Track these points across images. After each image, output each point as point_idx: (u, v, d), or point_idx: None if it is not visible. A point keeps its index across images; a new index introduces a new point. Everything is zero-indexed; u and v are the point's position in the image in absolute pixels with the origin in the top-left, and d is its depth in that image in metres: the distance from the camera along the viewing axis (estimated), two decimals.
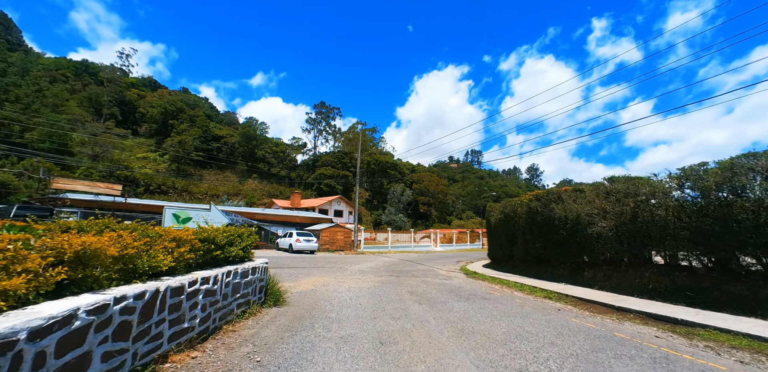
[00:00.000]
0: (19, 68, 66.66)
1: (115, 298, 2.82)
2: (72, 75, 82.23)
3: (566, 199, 10.81)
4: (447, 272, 14.31)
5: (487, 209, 16.75)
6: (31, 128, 55.00)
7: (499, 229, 14.99)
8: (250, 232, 6.01)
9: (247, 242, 5.78)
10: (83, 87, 78.80)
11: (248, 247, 5.88)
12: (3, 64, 63.90)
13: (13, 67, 65.81)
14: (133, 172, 58.68)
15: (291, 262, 15.15)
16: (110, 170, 56.36)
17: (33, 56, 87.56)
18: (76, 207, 18.37)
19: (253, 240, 6.00)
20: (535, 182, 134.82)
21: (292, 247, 21.19)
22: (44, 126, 55.79)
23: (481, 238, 43.87)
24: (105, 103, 74.73)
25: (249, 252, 5.95)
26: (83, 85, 79.63)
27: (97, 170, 54.64)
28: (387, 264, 16.72)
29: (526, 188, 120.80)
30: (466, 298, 8.15)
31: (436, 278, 12.00)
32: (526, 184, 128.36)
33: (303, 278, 10.30)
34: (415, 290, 8.91)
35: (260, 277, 5.98)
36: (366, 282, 10.05)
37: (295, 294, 7.70)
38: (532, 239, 12.19)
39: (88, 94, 75.30)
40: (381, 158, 67.32)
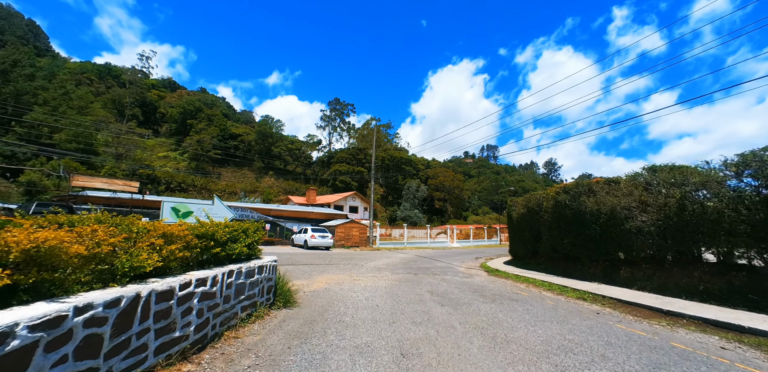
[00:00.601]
0: (47, 72, 68.69)
1: (76, 308, 2.26)
2: (96, 78, 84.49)
3: (598, 192, 9.88)
4: (467, 269, 13.56)
5: (508, 204, 15.86)
6: (58, 130, 56.62)
7: (522, 225, 14.11)
8: (257, 227, 5.45)
9: (254, 238, 5.22)
10: (107, 89, 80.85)
11: (255, 244, 5.32)
12: (32, 69, 65.82)
13: (41, 71, 67.85)
14: (154, 170, 59.78)
15: (305, 258, 14.70)
16: (133, 169, 57.56)
17: (60, 61, 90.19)
18: (95, 204, 18.42)
19: (261, 236, 5.44)
20: (553, 177, 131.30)
21: (307, 244, 20.80)
22: (71, 127, 57.36)
23: (498, 233, 42.71)
24: (127, 105, 76.40)
25: (255, 249, 5.40)
26: (107, 88, 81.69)
27: (120, 169, 55.91)
28: (403, 261, 16.08)
29: (543, 183, 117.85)
30: (491, 298, 7.42)
31: (456, 276, 11.29)
32: (544, 179, 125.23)
33: (317, 276, 9.77)
34: (435, 289, 8.23)
35: (268, 276, 5.43)
36: (382, 280, 9.43)
37: (308, 294, 7.15)
38: (560, 235, 11.30)
39: (112, 96, 77.19)
40: (395, 154, 66.53)
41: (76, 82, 72.75)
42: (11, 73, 58.83)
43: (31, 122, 54.18)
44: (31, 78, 62.31)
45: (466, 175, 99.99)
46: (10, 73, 58.80)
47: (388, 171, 65.08)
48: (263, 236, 5.49)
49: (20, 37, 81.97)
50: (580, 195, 10.35)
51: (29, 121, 54.28)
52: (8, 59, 58.94)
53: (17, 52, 61.50)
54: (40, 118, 54.57)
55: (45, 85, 62.48)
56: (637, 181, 9.25)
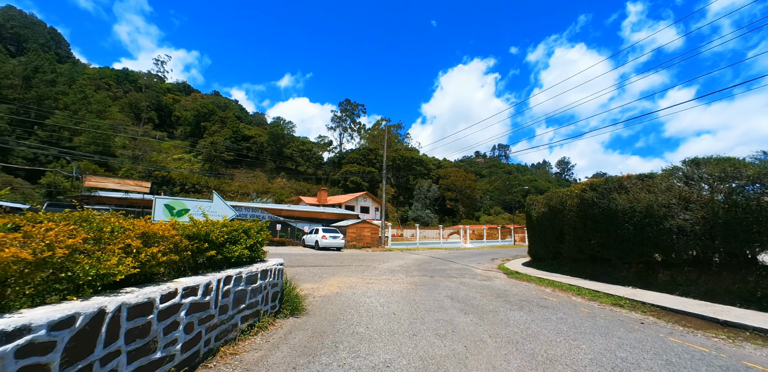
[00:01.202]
0: (67, 78, 70.24)
1: (4, 334, 1.68)
2: (114, 83, 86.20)
3: (631, 188, 9.04)
4: (485, 271, 12.80)
5: (527, 202, 15.03)
6: (78, 133, 57.73)
7: (543, 224, 13.27)
8: (261, 226, 4.87)
9: (257, 239, 4.64)
10: (124, 94, 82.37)
11: (258, 246, 4.74)
12: (53, 75, 67.33)
13: (61, 77, 69.43)
14: (169, 172, 60.38)
15: (316, 260, 14.14)
16: (148, 171, 58.24)
17: (80, 67, 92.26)
18: (107, 204, 18.32)
19: (265, 237, 4.85)
20: (566, 176, 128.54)
21: (318, 244, 20.27)
22: (90, 130, 58.43)
23: (512, 234, 41.58)
24: (143, 108, 77.64)
25: (259, 251, 4.81)
26: (124, 92, 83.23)
27: (136, 171, 56.66)
28: (417, 262, 15.39)
29: (556, 183, 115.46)
30: (518, 305, 6.69)
31: (475, 279, 10.55)
32: (557, 178, 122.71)
33: (328, 279, 9.17)
34: (455, 294, 7.53)
35: (273, 281, 4.83)
36: (397, 283, 8.77)
37: (318, 299, 6.54)
38: (586, 235, 10.46)
39: (129, 100, 78.58)
40: (406, 154, 65.79)
41: (95, 87, 74.26)
42: (33, 79, 60.24)
43: (53, 126, 55.39)
44: (52, 83, 63.74)
45: (477, 175, 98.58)
46: (32, 79, 60.22)
47: (398, 171, 64.40)
48: (267, 237, 4.90)
49: (42, 44, 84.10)
50: (610, 192, 9.51)
51: (50, 124, 55.50)
52: (30, 66, 60.36)
53: (39, 58, 62.97)
54: (60, 122, 55.74)
55: (65, 90, 63.82)
56: (675, 175, 8.38)
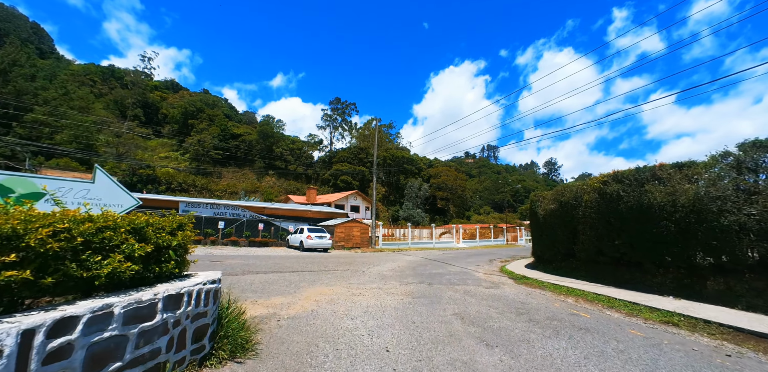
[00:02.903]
0: (48, 73, 66.78)
1: None
2: (99, 80, 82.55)
3: (669, 179, 7.42)
4: (487, 276, 11.10)
5: (532, 199, 13.39)
6: (60, 130, 54.63)
7: (552, 222, 11.64)
8: (178, 222, 3.03)
9: (162, 244, 2.77)
10: (110, 90, 78.87)
11: (168, 254, 2.87)
12: (32, 69, 63.85)
13: (42, 72, 65.92)
14: (154, 170, 57.50)
15: (297, 263, 12.24)
16: (133, 169, 55.39)
17: (64, 63, 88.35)
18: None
19: (183, 239, 3.00)
20: (553, 176, 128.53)
21: (303, 245, 18.33)
22: (71, 128, 55.33)
23: (505, 233, 40.21)
24: (129, 105, 74.38)
25: (169, 264, 2.93)
26: (110, 89, 79.70)
27: (120, 169, 53.78)
28: (411, 264, 13.62)
29: (544, 183, 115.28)
30: (551, 328, 4.96)
31: (480, 286, 8.83)
32: (544, 179, 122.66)
33: (305, 289, 7.31)
34: (464, 311, 5.76)
35: (197, 310, 2.97)
36: (390, 295, 6.96)
37: (283, 323, 4.68)
38: (608, 234, 8.83)
39: (114, 97, 75.23)
40: (397, 153, 64.10)
41: (79, 83, 70.74)
42: (10, 72, 56.76)
43: (32, 122, 52.17)
44: (31, 78, 60.32)
45: (467, 175, 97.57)
46: (10, 73, 56.74)
47: (390, 171, 62.67)
48: (188, 239, 3.04)
49: (24, 39, 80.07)
50: (641, 183, 7.87)
51: (30, 121, 52.27)
52: (7, 58, 56.84)
53: (16, 51, 59.40)
54: (40, 119, 52.56)
55: (45, 86, 60.49)
56: (724, 162, 6.78)
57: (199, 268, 8.93)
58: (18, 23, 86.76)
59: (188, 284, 2.84)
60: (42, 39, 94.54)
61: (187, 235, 2.98)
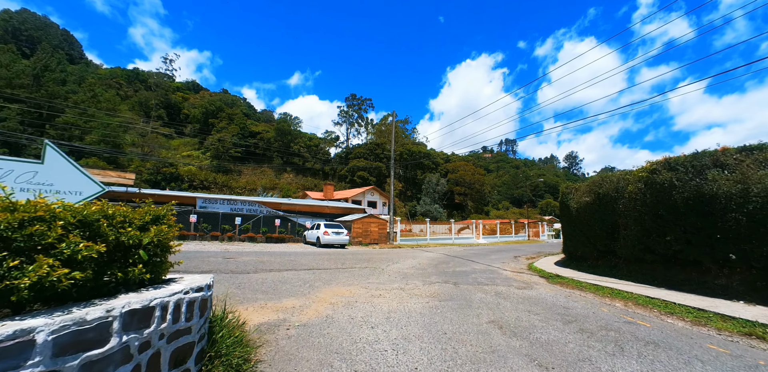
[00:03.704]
0: (77, 77, 69.10)
1: None
2: (125, 82, 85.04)
3: (737, 165, 6.32)
4: (516, 274, 10.20)
5: (563, 191, 12.32)
6: (88, 131, 56.49)
7: (587, 217, 10.58)
8: (154, 214, 2.37)
9: (128, 238, 2.11)
10: (134, 93, 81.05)
11: (139, 252, 2.20)
12: (63, 74, 66.15)
13: (71, 76, 68.26)
14: (177, 168, 58.69)
15: (313, 260, 11.65)
16: (157, 167, 56.66)
17: (92, 68, 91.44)
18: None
19: (160, 233, 2.33)
20: (574, 170, 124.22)
21: (319, 241, 17.81)
22: (99, 129, 57.11)
23: (527, 228, 38.72)
24: (153, 106, 76.22)
25: (135, 270, 2.24)
26: (134, 91, 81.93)
27: (145, 168, 55.10)
28: (432, 262, 12.83)
29: (564, 177, 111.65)
30: (611, 341, 4.09)
31: (511, 286, 7.97)
32: (565, 173, 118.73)
33: (320, 289, 6.66)
34: (501, 318, 4.95)
35: (180, 326, 2.30)
36: (415, 297, 6.21)
37: (292, 333, 4.01)
38: (658, 229, 7.77)
39: (138, 98, 77.24)
40: (414, 148, 63.01)
41: (106, 86, 72.98)
42: (43, 77, 58.93)
43: (63, 124, 54.13)
44: (62, 83, 62.51)
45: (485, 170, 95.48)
46: (42, 78, 58.91)
47: (406, 167, 61.74)
48: (165, 235, 2.37)
49: (55, 46, 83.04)
50: (700, 171, 6.79)
51: (61, 123, 54.24)
52: (39, 64, 59.01)
53: (48, 57, 61.59)
54: (71, 121, 54.49)
55: (75, 89, 62.60)
56: None
57: (210, 266, 8.41)
58: (49, 31, 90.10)
59: (162, 294, 2.17)
60: (72, 45, 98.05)
61: (162, 231, 2.30)
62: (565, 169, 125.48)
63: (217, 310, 3.43)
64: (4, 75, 52.76)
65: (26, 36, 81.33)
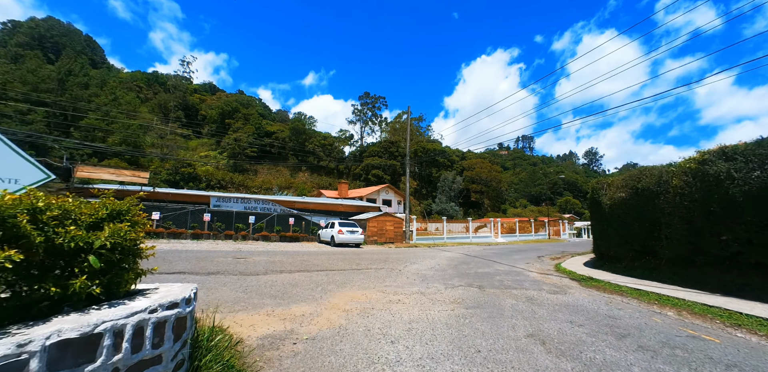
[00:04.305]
0: (99, 81, 71.15)
1: None
2: (144, 85, 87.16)
3: None
4: (543, 276, 9.42)
5: (593, 186, 11.40)
6: (110, 133, 58.01)
7: (621, 213, 9.68)
8: (112, 209, 1.83)
9: (70, 240, 1.56)
10: (154, 95, 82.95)
11: (89, 258, 1.65)
12: (85, 78, 68.11)
13: (94, 80, 70.32)
14: (195, 168, 59.67)
15: (327, 260, 11.15)
16: (176, 168, 57.67)
17: (114, 72, 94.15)
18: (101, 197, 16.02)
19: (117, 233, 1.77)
20: (594, 167, 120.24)
21: (334, 240, 17.35)
22: (121, 131, 58.55)
23: (547, 227, 37.38)
24: (171, 108, 77.79)
25: (97, 275, 1.71)
26: (154, 94, 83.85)
27: (164, 168, 56.18)
28: (452, 262, 12.14)
29: (584, 174, 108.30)
30: (683, 363, 3.36)
31: (542, 290, 7.23)
32: (584, 170, 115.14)
33: (333, 294, 6.10)
34: (540, 330, 4.27)
35: (144, 355, 1.76)
36: (437, 304, 5.58)
37: (300, 349, 3.45)
38: (710, 227, 6.88)
39: (158, 100, 78.97)
40: (429, 146, 62.03)
41: (127, 89, 74.93)
42: (67, 81, 60.81)
43: (87, 127, 55.76)
44: (85, 86, 64.39)
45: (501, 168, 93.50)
46: (66, 82, 60.79)
47: (421, 164, 60.87)
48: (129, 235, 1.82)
49: (79, 51, 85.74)
50: (765, 161, 5.89)
51: (85, 125, 55.88)
52: (64, 69, 60.91)
53: (71, 62, 63.53)
54: (93, 123, 56.07)
55: (97, 93, 64.40)
56: None
57: (218, 267, 7.88)
58: (73, 37, 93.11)
59: (116, 314, 1.62)
60: (95, 51, 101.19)
61: (120, 230, 1.76)
62: (585, 166, 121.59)
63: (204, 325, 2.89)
64: (30, 80, 54.65)
65: (51, 42, 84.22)
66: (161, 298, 1.93)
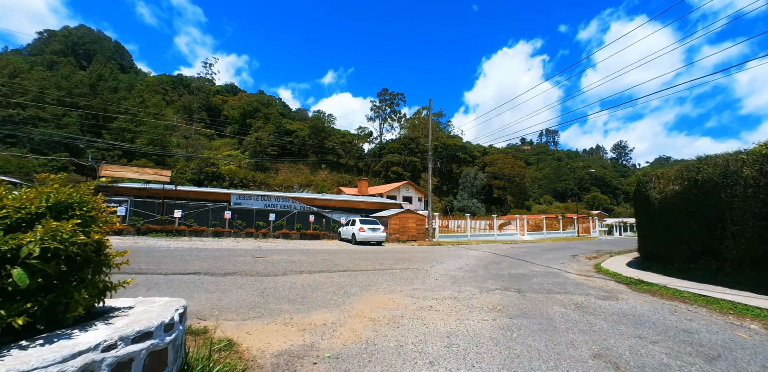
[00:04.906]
0: (127, 85, 73.85)
1: None
2: (170, 88, 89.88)
3: None
4: (584, 278, 8.54)
5: (641, 179, 10.31)
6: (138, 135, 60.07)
7: (675, 208, 8.64)
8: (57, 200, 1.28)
9: None
10: (179, 97, 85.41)
11: (15, 272, 1.10)
12: (115, 82, 70.76)
13: (122, 84, 73.03)
14: (218, 168, 60.99)
15: (348, 259, 10.63)
16: (200, 167, 59.07)
17: (141, 76, 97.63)
18: (125, 195, 16.33)
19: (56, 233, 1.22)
20: (624, 161, 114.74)
21: (355, 238, 16.88)
22: (148, 132, 60.51)
23: (576, 224, 35.67)
24: (195, 109, 79.83)
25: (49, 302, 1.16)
26: (179, 96, 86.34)
27: (189, 168, 57.65)
28: (481, 262, 11.38)
29: (612, 169, 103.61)
30: None
31: (589, 295, 6.43)
32: (613, 164, 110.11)
33: (357, 298, 5.55)
34: (607, 349, 3.54)
35: None
36: (475, 312, 4.91)
37: (321, 368, 2.88)
38: None
39: (182, 102, 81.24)
40: (449, 141, 60.73)
41: (153, 92, 77.43)
42: (98, 86, 63.34)
43: (116, 129, 57.98)
44: (114, 90, 66.95)
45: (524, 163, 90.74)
46: (97, 87, 63.33)
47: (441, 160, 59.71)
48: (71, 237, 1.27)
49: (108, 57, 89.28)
50: None
51: (115, 128, 58.10)
52: (94, 74, 63.43)
53: (101, 68, 66.08)
54: (123, 126, 58.21)
55: (125, 96, 66.79)
56: None
57: (235, 267, 7.35)
58: (103, 44, 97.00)
59: (43, 360, 1.07)
60: (123, 56, 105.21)
61: (56, 229, 1.21)
62: (613, 160, 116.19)
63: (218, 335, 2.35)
64: (65, 85, 57.17)
65: (83, 50, 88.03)
66: (127, 326, 1.39)
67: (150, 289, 5.16)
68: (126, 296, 2.59)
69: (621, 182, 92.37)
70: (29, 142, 49.44)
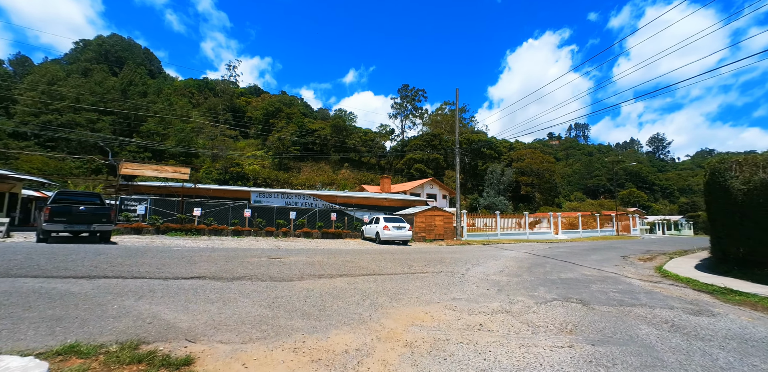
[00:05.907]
0: (156, 89, 76.45)
1: None
2: (196, 91, 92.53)
3: None
4: (651, 284, 7.16)
5: (717, 168, 8.70)
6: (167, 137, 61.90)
7: (762, 203, 7.08)
8: None
9: None
10: (204, 100, 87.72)
11: None
12: (144, 87, 73.29)
13: (151, 88, 75.63)
14: (242, 168, 61.93)
15: (373, 261, 9.63)
16: (225, 167, 60.11)
17: (169, 81, 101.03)
18: (145, 194, 16.14)
19: None
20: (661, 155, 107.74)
21: (379, 237, 15.92)
22: (175, 135, 62.25)
23: (614, 222, 33.20)
24: (220, 111, 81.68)
25: None
26: (204, 99, 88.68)
27: (215, 168, 58.79)
28: (521, 263, 10.10)
29: (648, 163, 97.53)
30: None
31: (674, 309, 5.14)
32: (649, 159, 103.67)
33: (386, 310, 4.54)
34: None
35: None
36: (540, 335, 3.79)
37: None
38: None
39: (208, 105, 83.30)
40: (473, 137, 58.66)
41: (180, 95, 79.73)
42: (128, 91, 65.80)
43: (146, 132, 60.00)
44: (143, 95, 69.36)
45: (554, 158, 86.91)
46: (128, 92, 65.80)
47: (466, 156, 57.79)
48: None
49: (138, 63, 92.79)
50: None
51: (144, 131, 60.14)
52: (125, 79, 65.95)
53: (132, 73, 68.62)
54: (152, 129, 60.19)
55: (154, 100, 69.04)
56: None
57: (246, 270, 6.27)
58: (134, 51, 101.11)
59: None
60: (152, 62, 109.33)
61: None
62: (650, 154, 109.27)
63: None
64: (98, 91, 59.64)
65: (115, 57, 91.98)
66: None
67: (141, 298, 4.37)
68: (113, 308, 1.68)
69: (658, 177, 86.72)
70: (66, 147, 51.80)
